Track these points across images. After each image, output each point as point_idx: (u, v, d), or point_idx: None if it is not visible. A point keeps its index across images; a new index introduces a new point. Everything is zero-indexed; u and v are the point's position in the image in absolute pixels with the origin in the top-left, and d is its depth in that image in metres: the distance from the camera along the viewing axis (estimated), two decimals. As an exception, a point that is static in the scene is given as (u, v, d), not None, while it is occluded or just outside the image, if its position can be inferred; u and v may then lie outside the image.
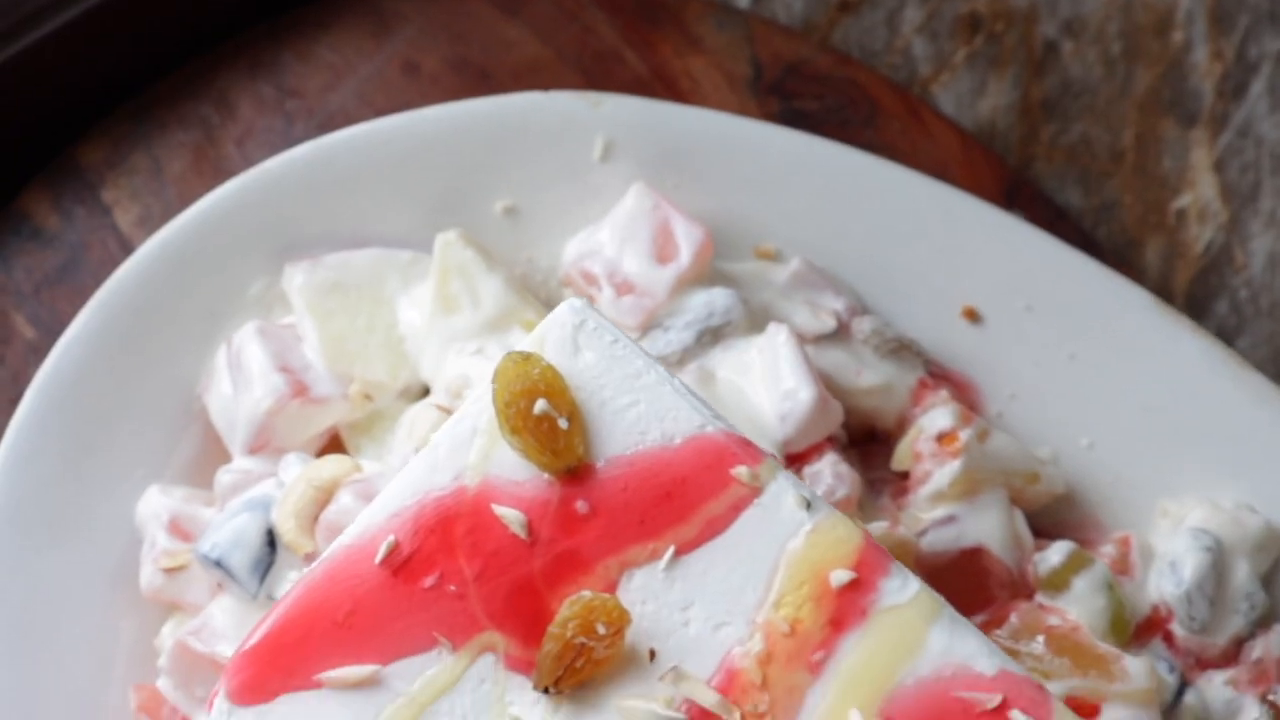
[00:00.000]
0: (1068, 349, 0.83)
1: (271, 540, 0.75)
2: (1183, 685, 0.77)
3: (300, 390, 0.79)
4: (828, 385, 0.79)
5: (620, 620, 0.58)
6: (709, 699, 0.59)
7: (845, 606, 0.60)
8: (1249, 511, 0.81)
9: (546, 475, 0.61)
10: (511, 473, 0.61)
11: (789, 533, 0.61)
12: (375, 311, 0.82)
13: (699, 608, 0.60)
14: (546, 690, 0.59)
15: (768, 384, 0.77)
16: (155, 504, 0.80)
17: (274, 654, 0.61)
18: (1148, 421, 0.83)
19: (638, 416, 0.62)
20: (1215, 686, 0.78)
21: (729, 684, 0.59)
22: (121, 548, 0.80)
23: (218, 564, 0.74)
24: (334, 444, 0.81)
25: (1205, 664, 0.79)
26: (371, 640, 0.60)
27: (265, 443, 0.79)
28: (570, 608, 0.58)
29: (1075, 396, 0.83)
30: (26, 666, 0.78)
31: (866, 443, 0.82)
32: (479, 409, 0.62)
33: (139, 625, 0.80)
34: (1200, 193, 0.96)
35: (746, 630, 0.60)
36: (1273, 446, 0.82)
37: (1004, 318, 0.84)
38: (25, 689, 0.77)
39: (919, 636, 0.60)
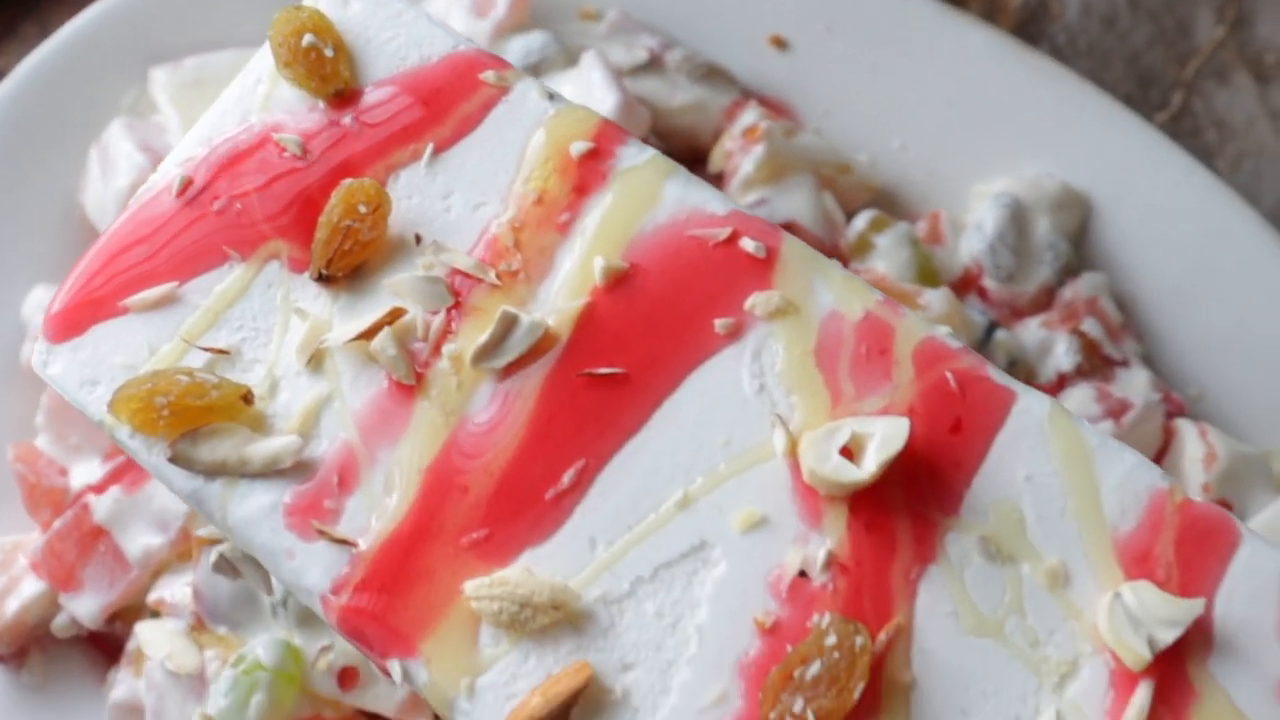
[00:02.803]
0: (868, 61, 0.89)
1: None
2: (993, 326, 0.81)
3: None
4: (644, 107, 0.85)
5: (378, 198, 0.64)
6: (466, 263, 0.65)
7: (587, 173, 0.66)
8: (1047, 176, 0.86)
9: (320, 103, 0.68)
10: (290, 107, 0.68)
11: (535, 121, 0.67)
12: (235, 106, 0.90)
13: (458, 194, 0.66)
14: (321, 277, 0.65)
15: (581, 102, 0.84)
16: (39, 299, 0.87)
17: (83, 295, 0.67)
18: (951, 116, 0.88)
19: (399, 46, 0.69)
20: (1030, 329, 0.82)
21: (486, 252, 0.65)
22: (10, 342, 0.87)
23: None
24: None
25: (1020, 312, 0.83)
26: (169, 265, 0.67)
27: (137, 222, 0.87)
28: (335, 196, 0.65)
29: (882, 104, 0.89)
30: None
31: (689, 165, 0.88)
32: (261, 64, 0.70)
33: (22, 406, 0.87)
34: (1014, -47, 1.02)
35: (501, 207, 0.66)
36: (1066, 120, 0.87)
37: (808, 41, 0.90)
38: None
39: (655, 190, 0.65)
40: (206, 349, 0.65)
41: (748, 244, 0.64)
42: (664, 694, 0.59)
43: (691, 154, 0.88)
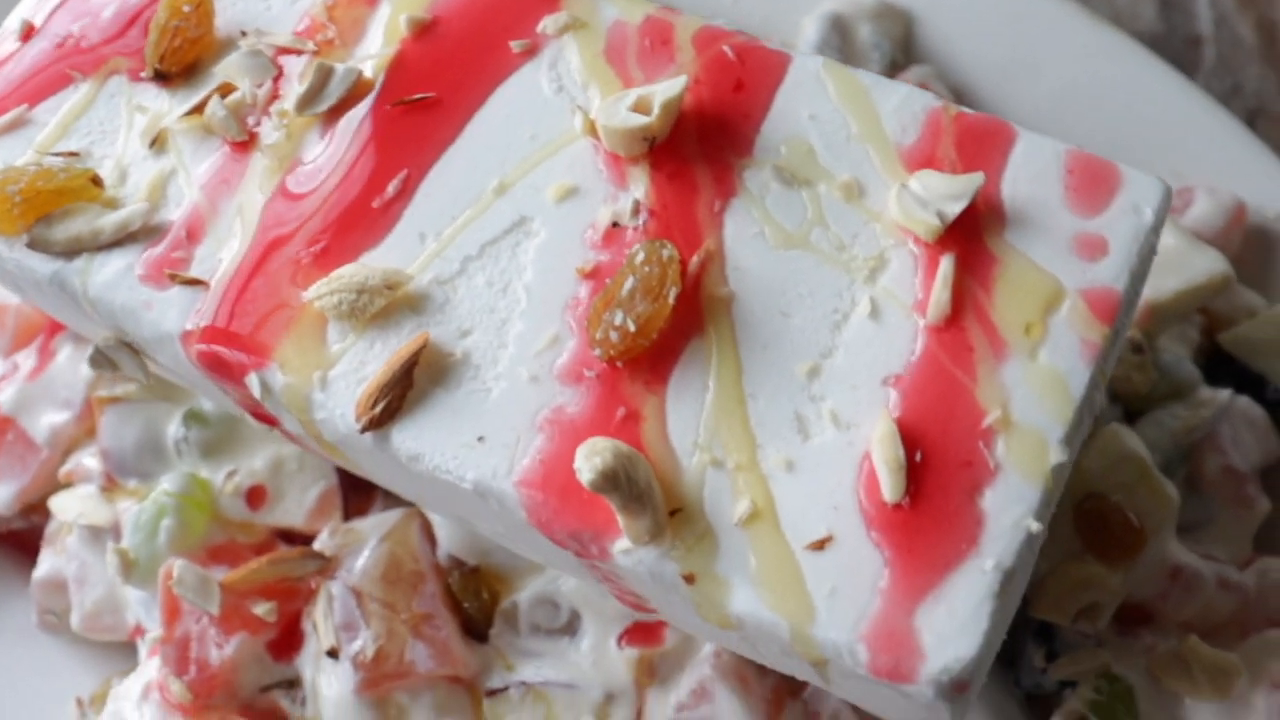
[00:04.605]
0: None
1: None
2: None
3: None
4: None
5: (201, -2, 0.71)
6: (286, 39, 0.71)
7: (387, -35, 0.72)
8: (865, -5, 0.93)
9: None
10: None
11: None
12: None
13: (276, -11, 0.73)
14: (158, 75, 0.71)
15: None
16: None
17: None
18: (774, -37, 0.95)
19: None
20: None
21: (304, 30, 0.71)
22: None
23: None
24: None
25: (852, 108, 0.88)
26: (18, 94, 0.72)
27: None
28: (160, 2, 0.71)
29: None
30: None
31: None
32: (97, -62, 0.77)
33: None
34: None
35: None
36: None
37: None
38: None
39: (454, -46, 0.72)
40: (57, 154, 0.70)
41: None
42: (501, 348, 0.62)
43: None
